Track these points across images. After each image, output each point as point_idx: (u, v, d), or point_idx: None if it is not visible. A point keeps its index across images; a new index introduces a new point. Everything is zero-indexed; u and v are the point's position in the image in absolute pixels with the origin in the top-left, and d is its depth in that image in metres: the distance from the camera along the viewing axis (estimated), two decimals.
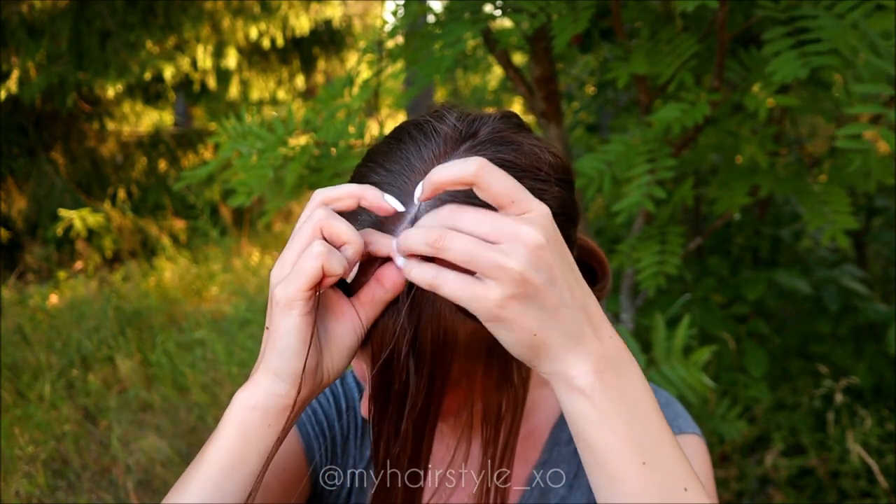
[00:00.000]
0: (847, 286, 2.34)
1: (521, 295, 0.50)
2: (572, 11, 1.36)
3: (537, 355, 0.53)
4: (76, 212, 5.35)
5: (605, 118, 3.13)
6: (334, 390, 0.84)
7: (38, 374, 3.51)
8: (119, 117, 6.53)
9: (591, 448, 0.54)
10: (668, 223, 1.68)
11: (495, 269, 0.49)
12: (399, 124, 0.65)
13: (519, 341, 0.52)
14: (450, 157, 0.58)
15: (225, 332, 3.82)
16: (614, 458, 0.54)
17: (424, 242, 0.51)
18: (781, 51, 1.25)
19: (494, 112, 0.64)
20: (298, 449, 0.77)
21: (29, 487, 2.64)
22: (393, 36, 1.83)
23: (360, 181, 0.60)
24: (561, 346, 0.53)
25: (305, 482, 0.77)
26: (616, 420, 0.54)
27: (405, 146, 0.60)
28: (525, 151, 0.60)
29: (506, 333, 0.52)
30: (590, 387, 0.54)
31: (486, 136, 0.60)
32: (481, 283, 0.50)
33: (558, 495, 0.79)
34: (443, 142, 0.59)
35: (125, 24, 4.95)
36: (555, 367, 0.54)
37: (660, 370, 1.55)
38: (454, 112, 0.62)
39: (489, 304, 0.50)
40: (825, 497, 2.20)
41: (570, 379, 0.54)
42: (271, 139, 1.44)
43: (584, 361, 0.54)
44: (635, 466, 0.54)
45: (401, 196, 0.57)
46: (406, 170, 0.58)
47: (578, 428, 0.55)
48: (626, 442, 0.54)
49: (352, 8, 8.27)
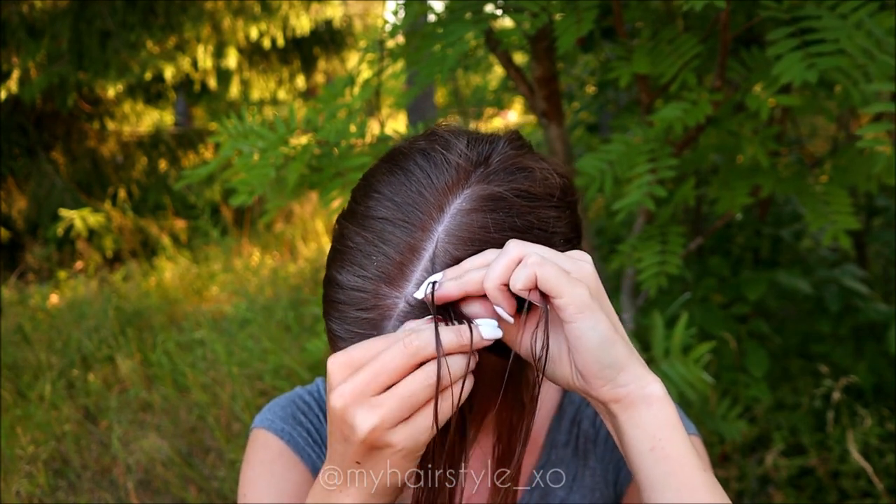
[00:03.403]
0: (848, 286, 2.34)
1: (598, 296, 0.54)
2: (575, 12, 1.36)
3: (615, 359, 0.54)
4: (77, 212, 5.35)
5: (606, 118, 3.13)
6: (319, 403, 0.84)
7: (38, 373, 3.51)
8: (119, 117, 6.52)
9: (666, 458, 0.54)
10: (669, 223, 1.68)
11: (577, 271, 0.54)
12: (398, 149, 0.63)
13: (603, 336, 0.53)
14: (463, 189, 0.58)
15: (225, 332, 3.82)
16: (687, 466, 0.54)
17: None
18: (785, 53, 1.24)
19: (500, 134, 0.63)
20: (306, 474, 0.78)
21: (29, 487, 2.64)
22: (394, 36, 1.82)
23: (367, 213, 0.59)
24: (629, 354, 0.55)
25: None
26: (682, 429, 0.56)
27: (413, 176, 0.59)
28: (537, 178, 0.60)
29: (595, 326, 0.53)
30: (663, 394, 0.56)
31: (499, 165, 0.60)
32: (573, 279, 0.53)
33: (558, 497, 0.80)
34: (454, 172, 0.59)
35: (125, 24, 4.94)
36: (629, 376, 0.55)
37: (659, 368, 1.55)
38: (462, 137, 0.61)
39: (584, 294, 0.52)
40: (825, 497, 2.20)
41: (645, 386, 0.55)
42: (273, 138, 1.44)
43: (647, 372, 0.56)
44: (700, 472, 0.55)
45: (413, 231, 0.56)
46: (418, 204, 0.57)
47: (654, 438, 0.55)
48: (692, 450, 0.55)
49: (352, 8, 8.27)
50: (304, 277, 4.90)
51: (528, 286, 0.52)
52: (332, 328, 0.59)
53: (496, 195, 0.58)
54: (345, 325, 0.58)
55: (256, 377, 3.23)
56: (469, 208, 0.57)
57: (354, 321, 0.57)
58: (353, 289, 0.57)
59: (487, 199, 0.57)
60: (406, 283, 0.56)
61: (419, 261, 0.56)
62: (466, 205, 0.57)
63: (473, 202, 0.57)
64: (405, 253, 0.56)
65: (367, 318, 0.56)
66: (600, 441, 0.83)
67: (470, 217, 0.57)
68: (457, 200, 0.57)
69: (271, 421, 0.81)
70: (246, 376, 3.20)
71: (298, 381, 3.14)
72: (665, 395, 0.56)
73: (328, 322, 0.60)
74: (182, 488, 2.64)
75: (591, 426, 0.83)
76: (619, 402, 0.56)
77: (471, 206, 0.57)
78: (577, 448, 0.82)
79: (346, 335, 0.58)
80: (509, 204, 0.58)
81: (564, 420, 0.83)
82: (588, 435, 0.83)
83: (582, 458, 0.82)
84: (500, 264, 0.52)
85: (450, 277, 0.54)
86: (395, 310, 0.56)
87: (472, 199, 0.57)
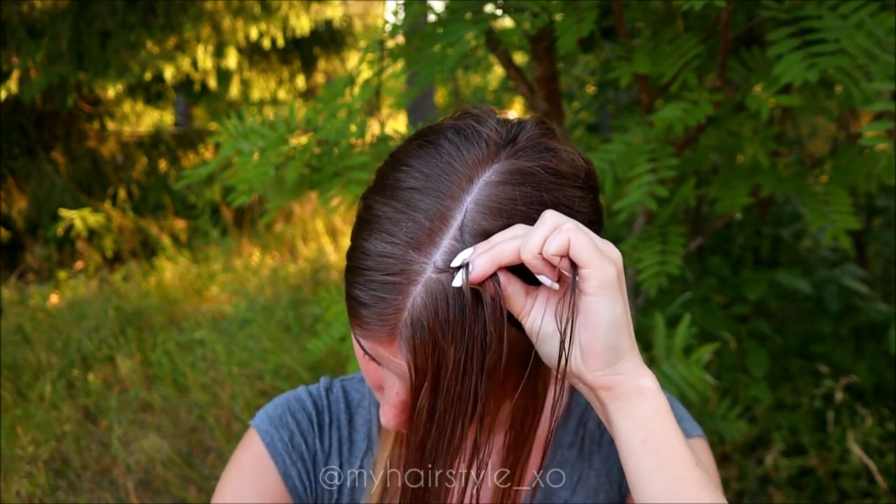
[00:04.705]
0: (848, 286, 2.34)
1: (622, 279, 0.56)
2: (576, 12, 1.36)
3: (620, 345, 0.55)
4: (77, 212, 5.35)
5: (606, 118, 3.13)
6: (317, 403, 0.83)
7: (38, 373, 3.51)
8: (119, 117, 6.52)
9: (656, 451, 0.55)
10: (669, 223, 1.68)
11: (608, 249, 0.56)
12: (429, 127, 0.64)
13: (617, 318, 0.55)
14: (493, 163, 0.58)
15: (225, 332, 3.82)
16: (679, 460, 0.55)
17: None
18: (786, 52, 1.24)
19: (529, 118, 0.64)
20: (278, 482, 0.78)
21: (30, 487, 2.64)
22: (394, 36, 1.82)
23: (396, 185, 0.59)
24: (632, 346, 0.57)
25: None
26: (674, 423, 0.56)
27: (444, 149, 0.59)
28: (564, 158, 0.61)
29: (613, 307, 0.54)
30: (657, 388, 0.56)
31: (526, 143, 0.60)
32: (604, 255, 0.54)
33: (561, 497, 0.80)
34: (485, 145, 0.59)
35: (125, 24, 4.94)
36: (627, 366, 0.56)
37: (660, 369, 1.55)
38: (492, 116, 0.63)
39: (612, 272, 0.54)
40: (825, 497, 2.20)
41: (640, 377, 0.56)
42: (273, 137, 1.44)
43: (643, 366, 0.57)
44: (692, 467, 0.55)
45: (442, 199, 0.57)
46: (448, 174, 0.58)
47: (645, 430, 0.55)
48: (682, 444, 0.56)
49: (352, 8, 8.27)
50: (304, 277, 4.90)
51: (560, 252, 0.52)
52: (355, 295, 0.59)
53: (525, 169, 0.58)
54: (369, 290, 0.57)
55: (256, 377, 3.23)
56: (498, 181, 0.57)
57: (380, 285, 0.57)
58: (381, 255, 0.57)
59: (516, 172, 0.58)
60: (434, 250, 0.56)
61: (448, 228, 0.56)
62: (496, 177, 0.58)
63: (503, 175, 0.58)
64: (434, 220, 0.56)
65: (394, 283, 0.56)
66: (605, 442, 0.83)
67: (499, 189, 0.57)
68: (486, 173, 0.58)
69: (261, 420, 0.81)
70: (246, 376, 3.20)
71: (298, 382, 3.14)
72: (659, 389, 0.56)
73: (351, 290, 0.59)
74: (182, 488, 2.64)
75: (597, 427, 0.83)
76: (610, 391, 0.56)
77: (500, 179, 0.58)
78: (583, 449, 0.82)
79: (369, 300, 0.57)
80: (538, 179, 0.58)
81: (571, 420, 0.83)
82: (594, 436, 0.83)
83: (587, 459, 0.82)
84: (538, 233, 0.53)
85: (480, 252, 0.54)
86: (423, 275, 0.56)
87: (502, 173, 0.58)
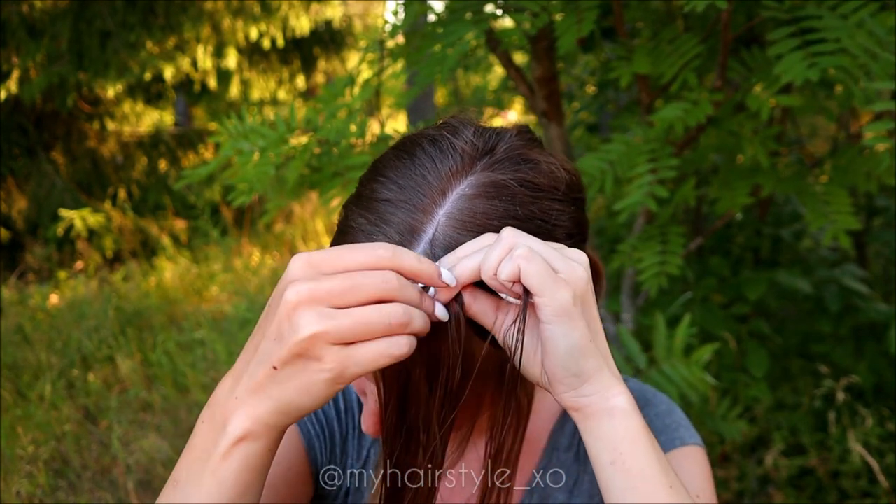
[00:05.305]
0: (848, 286, 2.34)
1: (583, 302, 0.53)
2: (576, 12, 1.36)
3: (582, 369, 0.54)
4: (77, 212, 5.35)
5: (606, 118, 3.13)
6: None
7: (38, 373, 3.50)
8: (119, 117, 6.52)
9: (626, 472, 0.54)
10: (670, 223, 1.68)
11: (568, 272, 0.53)
12: (408, 136, 0.63)
13: (574, 345, 0.53)
14: (467, 176, 0.58)
15: (225, 332, 3.82)
16: (650, 482, 0.54)
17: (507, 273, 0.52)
18: (786, 52, 1.24)
19: (509, 127, 0.63)
20: (300, 447, 0.77)
21: (30, 487, 2.64)
22: (394, 36, 1.82)
23: (371, 196, 0.59)
24: (600, 366, 0.55)
25: (309, 481, 0.77)
26: (647, 443, 0.55)
27: (419, 161, 0.59)
28: (543, 170, 0.60)
29: (569, 333, 0.53)
30: (629, 407, 0.55)
31: (504, 154, 0.59)
32: (559, 280, 0.52)
33: (559, 499, 0.79)
34: (460, 158, 0.59)
35: (125, 24, 4.94)
36: (594, 388, 0.55)
37: (661, 369, 1.55)
38: (469, 126, 0.62)
39: (565, 299, 0.52)
40: (825, 497, 2.20)
41: (610, 398, 0.55)
42: (273, 136, 1.44)
43: (617, 383, 0.56)
44: (665, 489, 0.54)
45: (414, 213, 0.56)
46: (422, 186, 0.57)
47: (615, 451, 0.55)
48: (656, 465, 0.55)
49: (352, 8, 8.26)
50: None
51: (511, 279, 0.52)
52: None
53: (499, 182, 0.57)
54: None
55: None
56: (472, 194, 0.57)
57: None
58: None
59: (490, 185, 0.57)
60: None
61: (419, 242, 0.56)
62: (469, 190, 0.57)
63: (476, 188, 0.57)
64: (405, 234, 0.56)
65: None
66: None
67: (472, 202, 0.57)
68: (460, 186, 0.57)
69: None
70: None
71: None
72: (631, 408, 0.55)
73: None
74: None
75: None
76: (579, 412, 0.56)
77: (473, 192, 0.57)
78: (579, 453, 0.82)
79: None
80: (512, 192, 0.57)
81: (568, 424, 0.83)
82: None
83: (583, 463, 0.81)
84: (494, 254, 0.52)
85: (446, 266, 0.54)
86: None
87: (475, 186, 0.57)
